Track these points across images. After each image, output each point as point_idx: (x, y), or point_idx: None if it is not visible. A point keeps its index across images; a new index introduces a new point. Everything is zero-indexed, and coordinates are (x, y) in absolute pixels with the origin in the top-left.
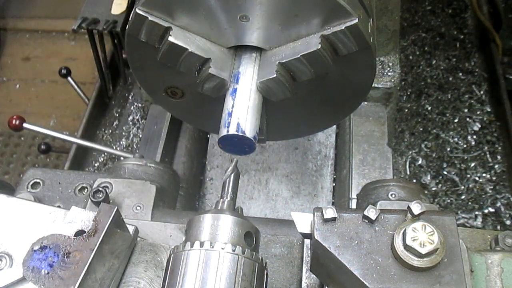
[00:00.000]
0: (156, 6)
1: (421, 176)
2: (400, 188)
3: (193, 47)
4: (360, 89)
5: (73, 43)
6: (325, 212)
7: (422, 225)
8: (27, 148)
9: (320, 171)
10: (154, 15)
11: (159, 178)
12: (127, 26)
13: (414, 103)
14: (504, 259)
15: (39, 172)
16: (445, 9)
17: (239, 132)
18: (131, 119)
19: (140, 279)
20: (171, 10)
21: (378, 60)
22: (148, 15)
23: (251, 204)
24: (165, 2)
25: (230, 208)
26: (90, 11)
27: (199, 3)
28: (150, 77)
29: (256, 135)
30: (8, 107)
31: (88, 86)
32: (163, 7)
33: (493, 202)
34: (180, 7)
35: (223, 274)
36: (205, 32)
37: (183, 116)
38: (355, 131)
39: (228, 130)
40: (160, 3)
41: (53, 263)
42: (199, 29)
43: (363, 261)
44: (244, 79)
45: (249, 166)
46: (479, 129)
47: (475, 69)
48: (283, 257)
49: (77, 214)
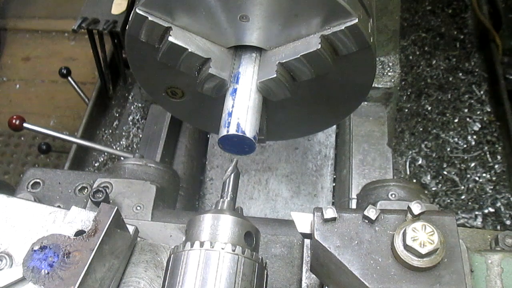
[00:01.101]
0: (156, 6)
1: (421, 176)
2: (400, 188)
3: (193, 47)
4: (360, 89)
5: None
6: (325, 212)
7: (422, 225)
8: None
9: (320, 171)
10: (154, 15)
11: (159, 178)
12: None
13: (414, 103)
14: (504, 259)
15: (39, 172)
16: (445, 9)
17: (239, 132)
18: (131, 119)
19: (140, 279)
20: (171, 10)
21: (378, 60)
22: (148, 15)
23: (251, 204)
24: (165, 2)
25: (230, 208)
26: (90, 11)
27: (199, 3)
28: (150, 77)
29: (256, 135)
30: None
31: (88, 86)
32: (163, 7)
33: (493, 202)
34: (180, 7)
35: (223, 274)
36: (205, 32)
37: (183, 116)
38: (355, 131)
39: (228, 130)
40: (160, 3)
41: (53, 263)
42: (199, 29)
43: (363, 261)
44: (244, 79)
45: (249, 166)
46: (479, 129)
47: (475, 69)
48: (283, 257)
49: (77, 214)
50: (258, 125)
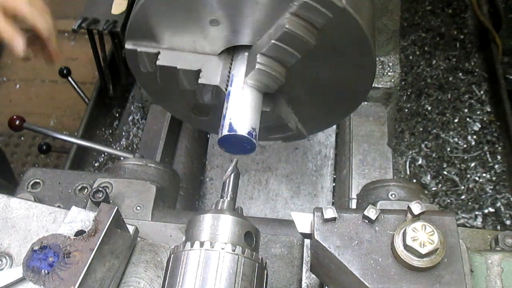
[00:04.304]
0: (139, 36)
1: (421, 176)
2: (400, 188)
3: (182, 64)
4: (360, 89)
5: (73, 43)
6: (325, 212)
7: (422, 225)
8: (27, 148)
9: (320, 171)
10: (142, 45)
11: (159, 178)
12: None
13: (414, 103)
14: (504, 259)
15: (39, 172)
16: (445, 9)
17: (231, 132)
18: (131, 119)
19: (140, 279)
20: (153, 35)
21: (378, 60)
22: (136, 47)
23: (251, 204)
24: (145, 30)
25: (230, 208)
26: (90, 11)
27: (172, 20)
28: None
29: (252, 132)
30: (8, 107)
31: (88, 86)
32: (146, 35)
33: (493, 202)
34: (159, 29)
35: (223, 274)
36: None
37: (183, 116)
38: (355, 131)
39: (222, 132)
40: (141, 32)
41: (53, 263)
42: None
43: (363, 261)
44: (237, 79)
45: (249, 166)
46: (479, 129)
47: (475, 69)
48: (283, 257)
49: (77, 214)
50: (255, 122)
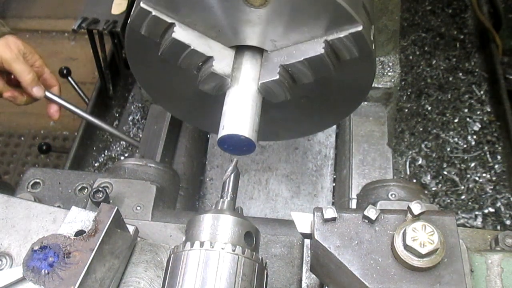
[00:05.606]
0: (161, 1)
1: (421, 176)
2: (400, 188)
3: (196, 45)
4: (359, 89)
5: (73, 43)
6: (325, 212)
7: (422, 225)
8: (27, 148)
9: (320, 171)
10: (158, 10)
11: (159, 178)
12: (129, 19)
13: (414, 103)
14: (504, 259)
15: (39, 172)
16: (445, 9)
17: (236, 133)
18: (131, 119)
19: (140, 279)
20: (175, 6)
21: (378, 60)
22: (152, 9)
23: (251, 204)
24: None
25: (230, 208)
26: (90, 11)
27: (203, 0)
28: (149, 75)
29: (253, 134)
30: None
31: (88, 86)
32: (167, 3)
33: (493, 202)
34: (184, 4)
35: (223, 274)
36: (207, 30)
37: (183, 116)
38: (355, 131)
39: (226, 131)
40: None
41: (53, 263)
42: (202, 27)
43: (363, 261)
44: (245, 79)
45: (249, 166)
46: (479, 129)
47: (475, 69)
48: (283, 257)
49: (77, 214)
50: (257, 126)
